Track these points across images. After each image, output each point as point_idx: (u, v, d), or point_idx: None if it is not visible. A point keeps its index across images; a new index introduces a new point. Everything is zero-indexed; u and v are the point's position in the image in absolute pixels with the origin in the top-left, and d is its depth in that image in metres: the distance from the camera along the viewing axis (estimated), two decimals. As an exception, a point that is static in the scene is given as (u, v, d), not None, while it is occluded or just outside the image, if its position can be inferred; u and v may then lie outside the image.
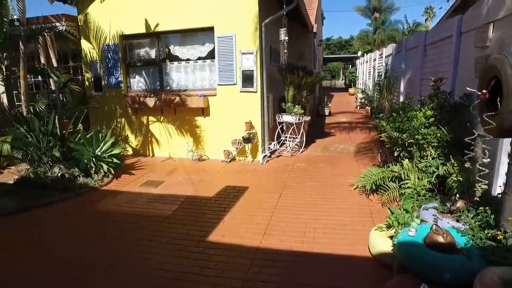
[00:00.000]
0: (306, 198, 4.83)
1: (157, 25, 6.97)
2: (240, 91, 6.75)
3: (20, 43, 5.31)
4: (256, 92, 6.68)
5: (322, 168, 6.29)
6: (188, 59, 7.20)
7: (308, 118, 7.69)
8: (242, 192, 5.17)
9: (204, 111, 7.06)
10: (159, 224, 4.13)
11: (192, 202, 4.87)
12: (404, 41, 8.47)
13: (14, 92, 6.20)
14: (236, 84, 6.75)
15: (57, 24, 7.20)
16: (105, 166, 5.81)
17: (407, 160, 4.43)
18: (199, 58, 7.13)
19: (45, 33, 5.81)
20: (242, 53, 6.59)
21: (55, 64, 6.11)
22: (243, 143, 6.69)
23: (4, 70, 5.74)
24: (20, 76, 5.39)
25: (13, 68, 5.92)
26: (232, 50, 6.64)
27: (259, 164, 6.65)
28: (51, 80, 6.15)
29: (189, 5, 6.72)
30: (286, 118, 7.26)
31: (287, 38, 6.69)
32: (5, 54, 5.63)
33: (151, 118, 7.51)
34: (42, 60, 6.20)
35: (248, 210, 4.47)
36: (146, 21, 7.00)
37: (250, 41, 6.51)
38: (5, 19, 5.51)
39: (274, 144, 7.21)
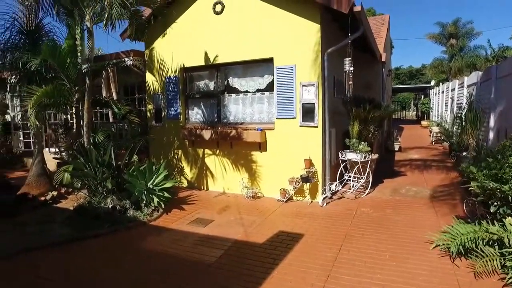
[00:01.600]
0: (372, 254, 4.01)
1: (216, 57, 6.92)
2: (300, 126, 6.25)
3: (87, 77, 5.55)
4: (317, 126, 6.11)
5: (392, 216, 5.37)
6: (246, 91, 6.97)
7: (375, 156, 6.84)
8: (297, 240, 4.53)
9: (261, 146, 6.66)
10: (200, 272, 3.68)
11: (239, 248, 4.36)
12: (494, 68, 7.28)
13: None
14: (295, 118, 6.28)
15: (126, 59, 7.57)
16: (155, 200, 5.64)
17: (510, 218, 3.44)
18: (258, 90, 6.85)
19: (108, 68, 6.03)
20: (303, 85, 6.14)
21: (115, 97, 6.29)
22: (301, 182, 6.09)
23: (74, 102, 6.05)
24: (84, 108, 5.60)
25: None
26: (292, 81, 6.24)
27: (318, 207, 5.96)
28: (109, 111, 6.32)
29: (247, 36, 6.56)
30: (350, 155, 6.52)
31: (352, 68, 6.10)
32: (76, 87, 5.92)
33: (207, 150, 7.33)
34: (104, 93, 6.43)
35: (302, 265, 3.81)
36: (206, 53, 6.99)
37: (312, 72, 6.06)
38: (79, 57, 5.84)
39: (336, 185, 6.46)
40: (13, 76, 6.65)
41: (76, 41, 5.44)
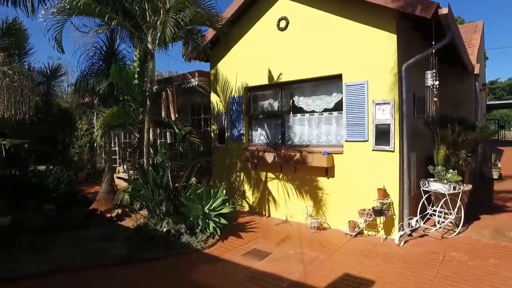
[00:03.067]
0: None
1: (280, 75, 6.55)
2: (373, 150, 5.47)
3: (147, 98, 5.63)
4: (393, 151, 5.27)
5: (496, 269, 4.17)
6: (312, 111, 6.43)
7: (468, 187, 5.66)
8: (365, 289, 3.76)
9: (327, 171, 6.01)
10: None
11: (295, 293, 3.76)
12: None
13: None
14: (367, 140, 5.52)
15: (192, 79, 7.67)
16: (211, 226, 5.34)
17: None
18: (325, 110, 6.27)
19: (167, 89, 6.07)
20: (376, 104, 5.39)
21: (173, 117, 6.29)
22: (373, 215, 5.25)
23: (139, 123, 6.22)
24: (145, 129, 5.66)
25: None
26: (363, 100, 5.53)
27: (394, 245, 5.04)
28: (167, 132, 6.32)
29: (313, 52, 6.08)
30: (435, 186, 5.47)
31: (437, 82, 5.17)
32: (141, 109, 6.07)
33: (270, 174, 6.90)
34: (163, 114, 6.49)
35: (370, 327, 3.05)
36: (270, 72, 6.68)
37: (386, 88, 5.29)
38: (145, 79, 6.02)
39: (417, 220, 5.44)
40: (94, 99, 7.17)
41: (134, 62, 5.58)
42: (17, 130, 7.05)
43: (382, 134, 5.35)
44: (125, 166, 8.40)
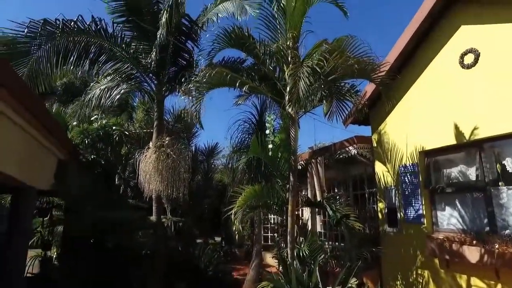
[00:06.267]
0: None
1: (474, 130, 4.49)
2: None
3: (291, 174, 4.65)
4: None
5: None
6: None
7: None
8: None
9: None
10: None
11: None
12: None
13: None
14: None
15: (350, 147, 6.38)
16: None
17: None
18: None
19: (312, 161, 4.94)
20: None
21: (318, 197, 4.98)
22: None
23: (285, 204, 5.28)
24: (288, 211, 4.60)
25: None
26: None
27: None
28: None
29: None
30: None
31: None
32: (288, 186, 5.16)
33: (475, 280, 4.47)
34: (309, 192, 5.28)
35: None
36: (456, 126, 4.71)
37: None
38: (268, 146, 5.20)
39: None
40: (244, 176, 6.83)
41: (267, 130, 4.80)
42: (180, 206, 7.36)
43: None
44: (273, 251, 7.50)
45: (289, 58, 4.26)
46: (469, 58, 4.65)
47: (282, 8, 4.67)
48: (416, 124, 5.43)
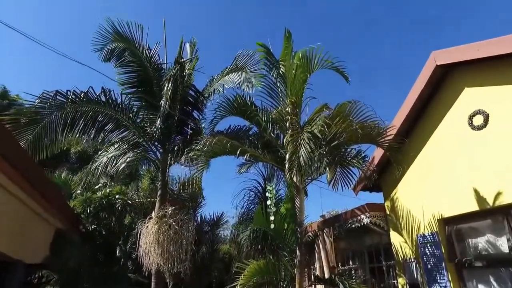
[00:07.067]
0: None
1: (498, 195, 4.12)
2: None
3: (297, 248, 4.24)
4: None
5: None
6: None
7: None
8: None
9: None
10: None
11: None
12: None
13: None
14: None
15: (362, 216, 5.96)
16: None
17: None
18: None
19: (323, 233, 4.55)
20: None
21: (326, 274, 4.47)
22: None
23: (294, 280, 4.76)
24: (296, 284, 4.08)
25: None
26: None
27: None
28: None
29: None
30: None
31: None
32: (295, 260, 4.71)
33: None
34: (317, 268, 4.77)
35: None
36: (477, 192, 4.34)
37: None
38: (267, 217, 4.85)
39: None
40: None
41: (268, 200, 4.51)
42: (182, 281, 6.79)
43: None
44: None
45: (287, 124, 4.18)
46: (478, 120, 4.48)
47: (282, 75, 4.74)
48: (431, 189, 5.07)
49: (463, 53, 4.54)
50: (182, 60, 6.20)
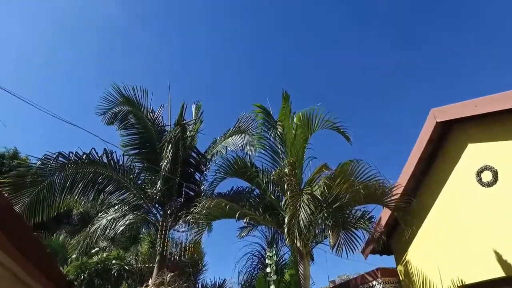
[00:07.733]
0: None
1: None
2: None
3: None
4: None
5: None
6: None
7: None
8: None
9: None
10: None
11: None
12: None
13: None
14: None
15: (373, 282, 5.51)
16: None
17: None
18: None
19: None
20: None
21: None
22: None
23: None
24: None
25: None
26: None
27: None
28: None
29: None
30: None
31: None
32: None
33: None
34: None
35: None
36: (499, 255, 4.00)
37: None
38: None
39: None
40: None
41: (268, 268, 4.19)
42: None
43: None
44: None
45: (286, 186, 4.05)
46: (486, 176, 4.29)
47: (280, 136, 4.73)
48: (447, 252, 4.72)
49: (462, 110, 4.51)
50: (184, 121, 6.31)
